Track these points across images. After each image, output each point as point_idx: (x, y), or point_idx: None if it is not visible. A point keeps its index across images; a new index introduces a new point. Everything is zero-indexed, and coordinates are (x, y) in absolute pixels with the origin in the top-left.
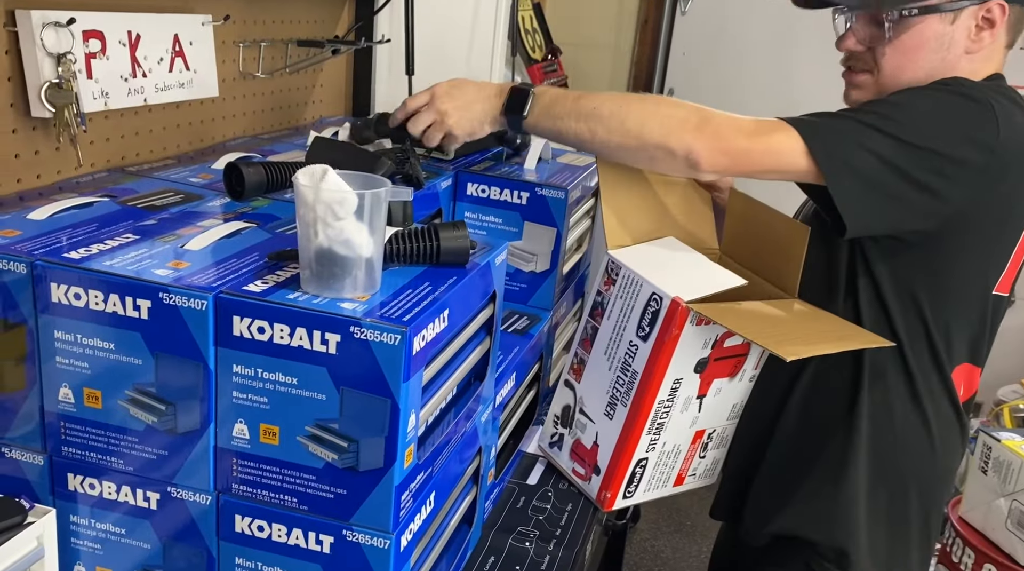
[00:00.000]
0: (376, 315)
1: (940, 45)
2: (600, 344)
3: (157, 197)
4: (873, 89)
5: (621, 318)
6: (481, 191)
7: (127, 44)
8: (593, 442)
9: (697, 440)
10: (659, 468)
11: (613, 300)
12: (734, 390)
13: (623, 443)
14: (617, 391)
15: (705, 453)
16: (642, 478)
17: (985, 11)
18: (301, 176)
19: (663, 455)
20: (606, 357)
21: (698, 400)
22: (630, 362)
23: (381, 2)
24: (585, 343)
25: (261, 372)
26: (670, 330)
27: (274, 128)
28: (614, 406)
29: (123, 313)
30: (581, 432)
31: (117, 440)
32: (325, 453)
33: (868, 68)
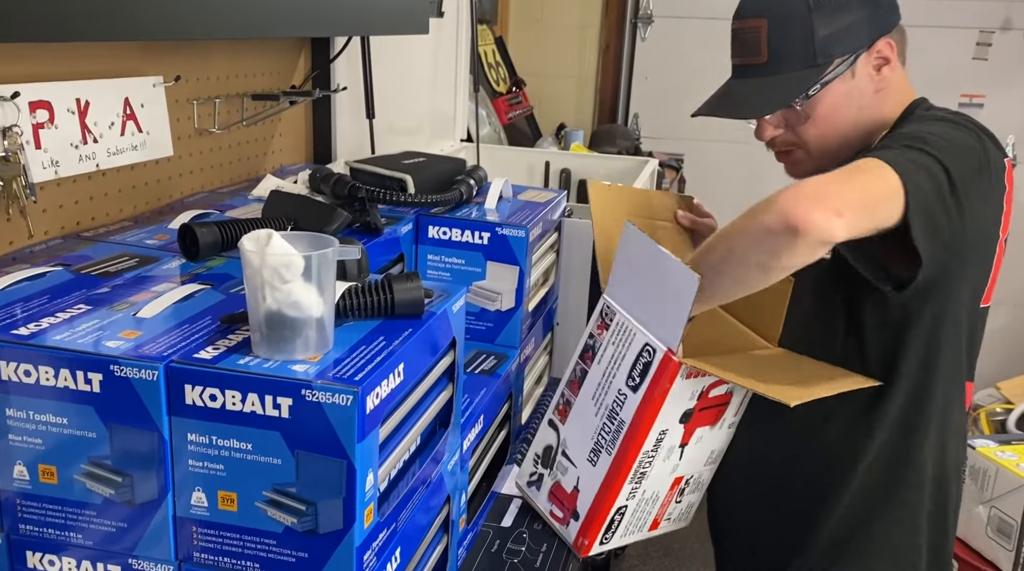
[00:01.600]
0: (328, 376)
1: (851, 100)
2: (588, 388)
3: (111, 262)
4: (809, 160)
5: (612, 365)
6: (442, 233)
7: (76, 111)
8: (574, 487)
9: (675, 487)
10: (637, 514)
11: (605, 345)
12: (714, 438)
13: (605, 491)
14: (603, 438)
15: (681, 498)
16: (620, 524)
17: (876, 53)
18: (247, 241)
19: (642, 502)
20: (594, 403)
21: (680, 448)
22: (618, 411)
23: (337, 50)
24: (573, 385)
25: (216, 439)
26: (661, 383)
27: (233, 181)
28: (598, 453)
29: (75, 387)
30: (562, 475)
31: (75, 515)
32: (284, 517)
33: (795, 143)
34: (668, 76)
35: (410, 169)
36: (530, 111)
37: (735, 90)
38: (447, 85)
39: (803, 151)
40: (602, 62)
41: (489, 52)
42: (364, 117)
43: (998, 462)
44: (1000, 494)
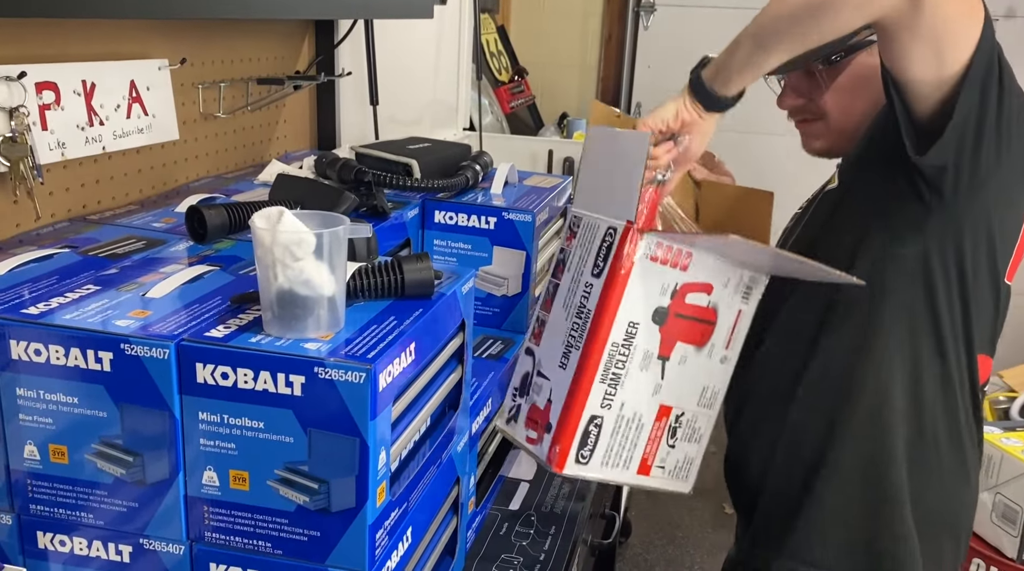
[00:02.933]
0: (340, 354)
1: (875, 75)
2: (560, 299)
3: (119, 245)
4: (827, 135)
5: (579, 265)
6: (448, 218)
7: (82, 94)
8: (547, 400)
9: (663, 417)
10: (617, 437)
11: (573, 253)
12: (703, 368)
13: (575, 390)
14: (572, 338)
15: (674, 442)
16: (598, 443)
17: None
18: (258, 219)
19: (621, 420)
20: (564, 308)
21: (660, 361)
22: (585, 303)
23: (341, 35)
24: (547, 303)
25: (227, 418)
26: (622, 259)
27: (238, 167)
28: (568, 354)
29: (85, 366)
30: (537, 395)
31: (86, 495)
32: (296, 496)
33: (816, 116)
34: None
35: (416, 154)
36: (532, 100)
37: None
38: (449, 74)
39: (822, 124)
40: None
41: (491, 41)
42: (367, 104)
43: (1003, 448)
44: (1005, 480)
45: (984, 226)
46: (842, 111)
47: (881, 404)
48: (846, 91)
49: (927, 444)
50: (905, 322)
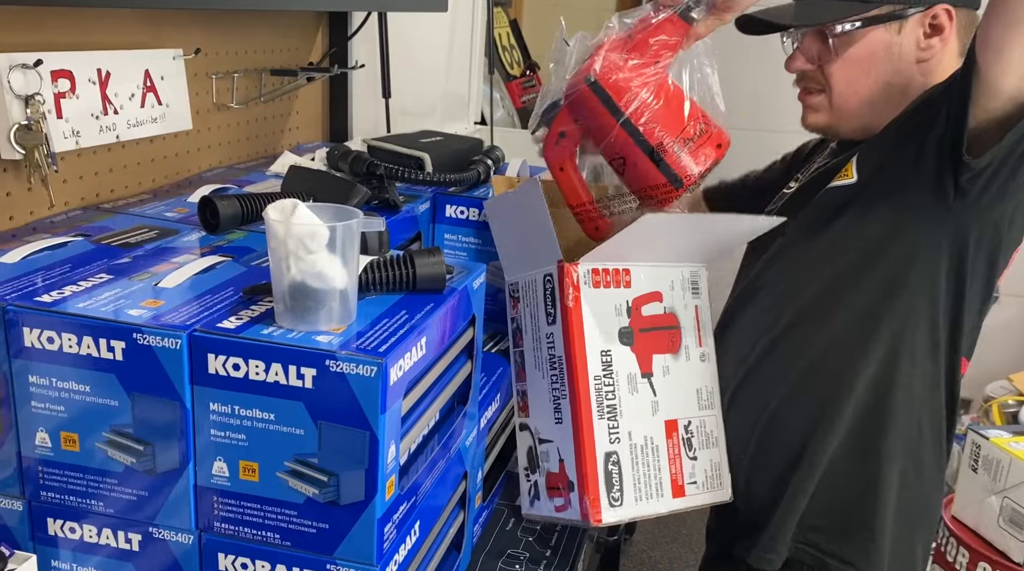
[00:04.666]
0: (351, 347)
1: (889, 56)
2: (529, 362)
3: (132, 234)
4: (828, 110)
5: (533, 323)
6: (459, 212)
7: (97, 82)
8: (558, 461)
9: (673, 433)
10: (639, 468)
11: (523, 315)
12: (688, 371)
13: (579, 435)
14: (555, 390)
15: (695, 453)
16: (623, 479)
17: (931, 18)
18: (271, 211)
19: (636, 449)
20: (536, 369)
21: (645, 379)
22: (553, 353)
23: (355, 27)
24: (520, 374)
25: (238, 409)
26: (568, 294)
27: (251, 157)
28: (559, 407)
29: (97, 355)
30: (547, 462)
31: (96, 483)
32: (305, 488)
33: (820, 87)
34: None
35: (428, 148)
36: None
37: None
38: (462, 68)
39: (824, 97)
40: None
41: (504, 35)
42: (380, 97)
43: (1011, 452)
44: (1013, 484)
45: (991, 235)
46: (847, 84)
47: (875, 400)
48: (855, 64)
49: (913, 442)
50: (908, 322)
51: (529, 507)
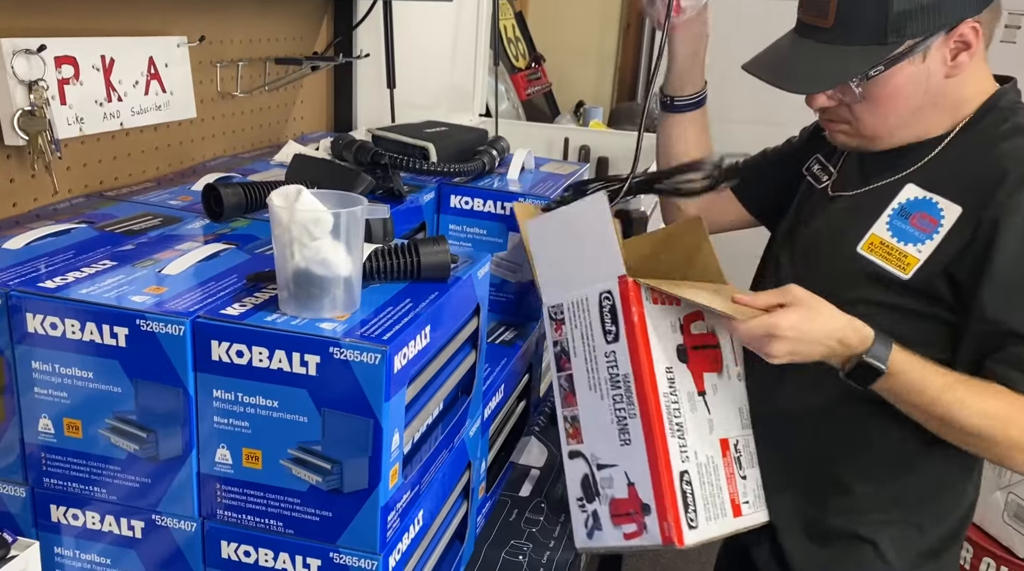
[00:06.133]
0: (356, 334)
1: (917, 85)
2: (581, 385)
3: (135, 221)
4: (858, 137)
5: (586, 343)
6: (464, 203)
7: (101, 69)
8: (627, 484)
9: (727, 451)
10: (707, 487)
11: (571, 337)
12: (729, 390)
13: (655, 455)
14: (620, 410)
15: (743, 472)
16: (695, 499)
17: (957, 37)
18: (275, 197)
19: (702, 469)
20: (592, 390)
21: (701, 398)
22: (616, 372)
23: (359, 17)
24: (567, 399)
25: (241, 396)
26: (633, 311)
27: (254, 147)
28: (625, 428)
29: (100, 341)
30: (610, 488)
31: (99, 469)
32: (309, 476)
33: (846, 120)
34: None
35: (433, 138)
36: (549, 88)
37: (792, 53)
38: (467, 59)
39: (850, 127)
40: (623, 39)
41: (509, 27)
42: (384, 87)
43: None
44: (1018, 480)
45: None
46: (874, 119)
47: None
48: (880, 102)
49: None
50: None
51: (587, 539)
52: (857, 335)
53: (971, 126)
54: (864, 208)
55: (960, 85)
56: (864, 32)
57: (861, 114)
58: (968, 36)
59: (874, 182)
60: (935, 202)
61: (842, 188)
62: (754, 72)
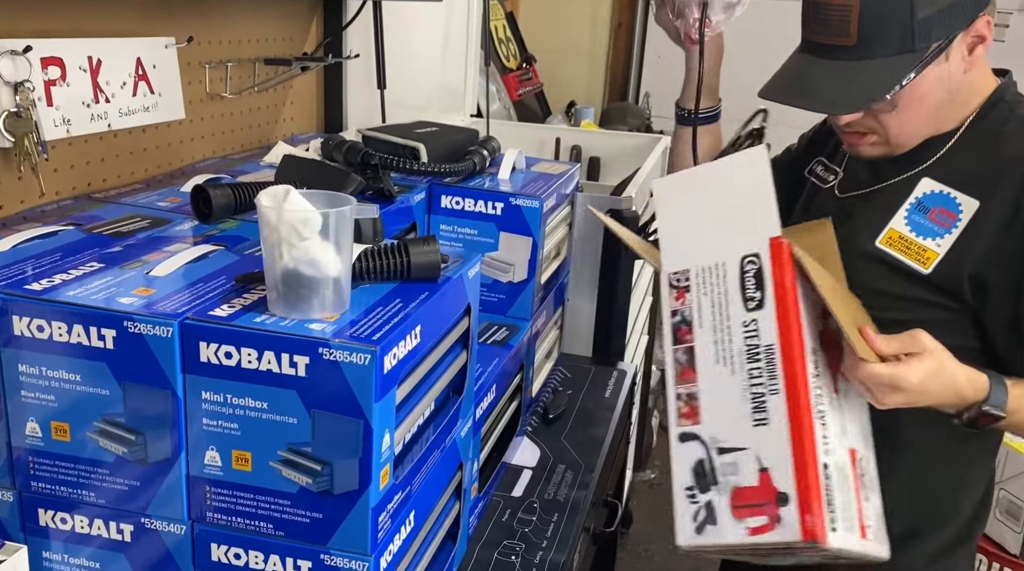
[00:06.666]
0: (345, 335)
1: (940, 85)
2: (706, 359)
3: (123, 223)
4: (884, 145)
5: (718, 313)
6: (455, 203)
7: (88, 70)
8: (759, 470)
9: (854, 464)
10: (843, 491)
11: (696, 306)
12: (855, 401)
13: (800, 436)
14: (758, 386)
15: (867, 494)
16: (835, 500)
17: (973, 32)
18: (264, 197)
19: (839, 471)
20: (722, 365)
21: (836, 396)
22: (756, 342)
23: (349, 17)
24: (685, 374)
25: (230, 398)
26: (784, 274)
27: (244, 148)
28: (762, 406)
29: (88, 344)
30: (734, 475)
31: (87, 473)
32: (299, 477)
33: (872, 131)
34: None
35: (423, 138)
36: (540, 88)
37: (814, 74)
38: (457, 59)
39: (879, 137)
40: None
41: (500, 27)
42: (375, 88)
43: (1008, 444)
44: (1010, 476)
45: None
46: (901, 124)
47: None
48: (914, 107)
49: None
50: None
51: (695, 535)
52: (973, 386)
53: (980, 120)
54: (879, 204)
55: (971, 79)
56: (892, 44)
57: (888, 122)
58: (983, 30)
59: (888, 179)
60: (952, 196)
61: (852, 187)
62: (781, 99)
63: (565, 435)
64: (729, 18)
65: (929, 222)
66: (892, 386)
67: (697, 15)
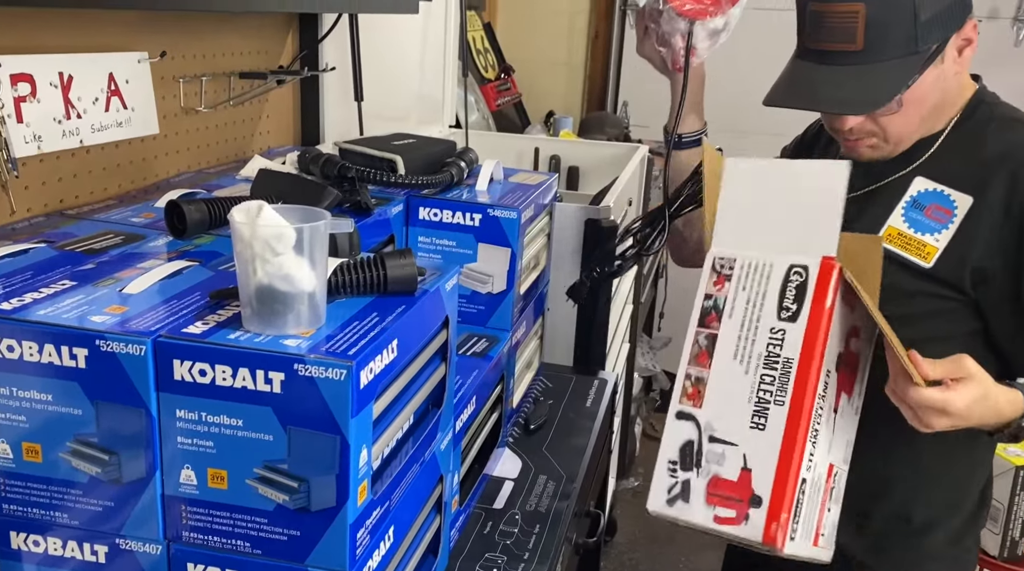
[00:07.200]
0: (320, 350)
1: (937, 85)
2: (725, 350)
3: (96, 240)
4: (885, 147)
5: (751, 311)
6: (433, 215)
7: (59, 86)
8: (741, 468)
9: (830, 477)
10: (810, 504)
11: (733, 297)
12: (848, 419)
13: (789, 452)
14: (765, 392)
15: (830, 505)
16: (801, 512)
17: (963, 35)
18: (237, 213)
19: (813, 485)
20: (738, 360)
21: (834, 415)
22: (778, 352)
23: (325, 30)
24: (700, 358)
25: (205, 416)
26: (826, 297)
27: (220, 161)
28: (764, 412)
29: (60, 363)
30: (718, 464)
31: (60, 494)
32: (275, 495)
33: (872, 133)
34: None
35: (401, 150)
36: (519, 98)
37: (823, 79)
38: (435, 71)
39: (879, 139)
40: (591, 49)
41: (477, 38)
42: (352, 100)
43: None
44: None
45: None
46: (901, 124)
47: None
48: (915, 107)
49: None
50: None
51: (664, 506)
52: (1012, 406)
53: (964, 121)
54: (876, 203)
55: (958, 82)
56: (898, 46)
57: (889, 123)
58: (970, 33)
59: (881, 179)
60: (947, 194)
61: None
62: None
63: (547, 445)
64: (714, 45)
65: (926, 218)
66: (941, 411)
67: (682, 44)
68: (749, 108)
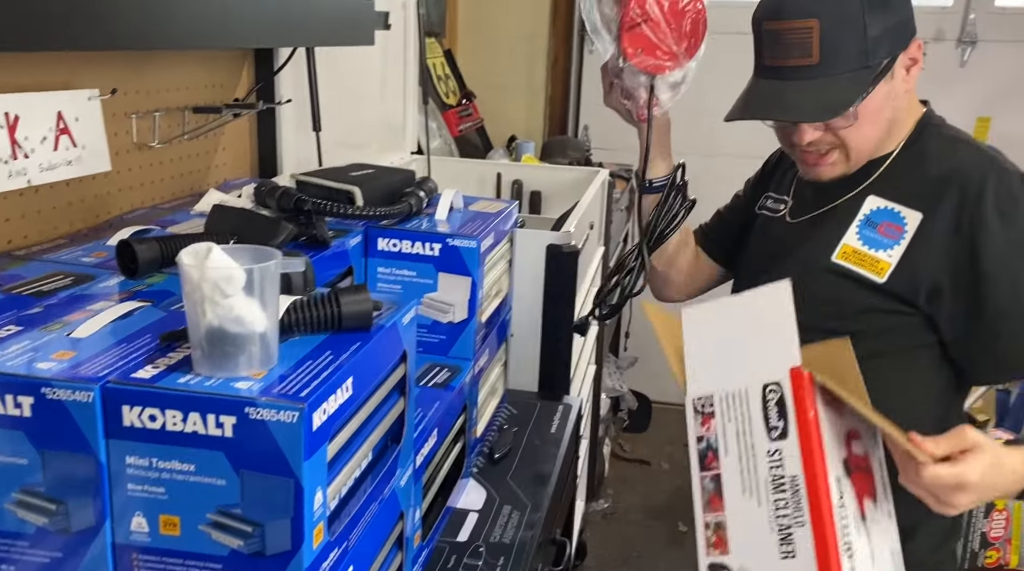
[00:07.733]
0: (272, 393)
1: (888, 101)
2: (732, 488)
3: (45, 281)
4: (845, 162)
5: (742, 441)
6: (392, 246)
7: (4, 126)
8: None
9: None
10: None
11: (721, 433)
12: (883, 525)
13: (825, 569)
14: (784, 517)
15: None
16: None
17: (910, 54)
18: (184, 256)
19: None
20: (747, 494)
21: (864, 525)
22: (781, 473)
23: (281, 62)
24: (713, 503)
25: (156, 461)
26: (805, 406)
27: (176, 196)
28: (789, 538)
29: (4, 412)
30: None
31: (6, 546)
32: (229, 540)
33: (833, 147)
34: None
35: (358, 181)
36: (481, 123)
37: (781, 93)
38: (396, 98)
39: (840, 153)
40: (551, 74)
41: (438, 65)
42: (311, 130)
43: None
44: None
45: None
46: (862, 139)
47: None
48: (870, 120)
49: None
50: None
51: None
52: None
53: (912, 142)
54: (830, 223)
55: (906, 102)
56: (851, 59)
57: (847, 137)
58: (916, 52)
59: (835, 200)
60: (897, 211)
61: (802, 212)
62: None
63: (511, 474)
64: (675, 96)
65: (878, 235)
66: (956, 486)
67: (646, 96)
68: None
